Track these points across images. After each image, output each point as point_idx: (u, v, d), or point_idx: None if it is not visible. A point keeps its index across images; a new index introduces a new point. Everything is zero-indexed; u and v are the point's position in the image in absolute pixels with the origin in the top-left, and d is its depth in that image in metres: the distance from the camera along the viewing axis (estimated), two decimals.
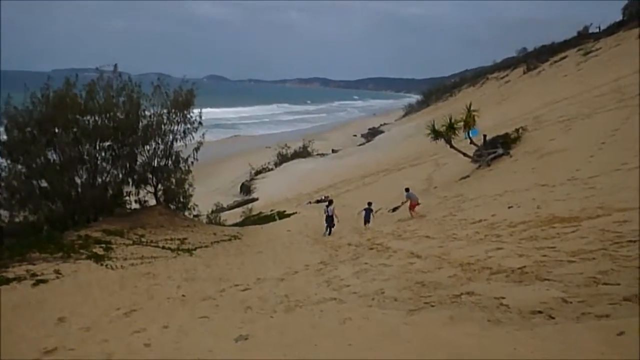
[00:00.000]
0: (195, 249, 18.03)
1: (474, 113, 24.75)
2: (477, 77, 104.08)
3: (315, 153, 60.41)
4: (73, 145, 19.69)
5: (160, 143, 22.43)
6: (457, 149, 25.10)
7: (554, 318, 6.05)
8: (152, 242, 18.13)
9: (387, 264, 11.73)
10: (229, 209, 37.11)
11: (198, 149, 23.24)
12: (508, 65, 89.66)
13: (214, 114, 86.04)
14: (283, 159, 55.78)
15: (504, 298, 7.08)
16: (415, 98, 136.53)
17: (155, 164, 22.47)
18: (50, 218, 19.37)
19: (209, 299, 10.81)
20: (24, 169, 19.44)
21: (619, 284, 6.64)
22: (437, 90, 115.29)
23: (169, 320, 9.16)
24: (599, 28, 70.29)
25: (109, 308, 10.54)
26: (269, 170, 52.22)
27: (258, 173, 50.50)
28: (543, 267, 8.25)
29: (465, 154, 25.32)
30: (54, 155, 19.80)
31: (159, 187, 23.10)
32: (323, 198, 31.28)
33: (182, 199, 23.98)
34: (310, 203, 32.05)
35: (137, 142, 21.47)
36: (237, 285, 12.08)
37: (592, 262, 7.89)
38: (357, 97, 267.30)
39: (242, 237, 21.85)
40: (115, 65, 21.81)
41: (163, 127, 22.23)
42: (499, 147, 24.72)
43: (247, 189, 45.15)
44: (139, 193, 22.44)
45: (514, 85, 70.64)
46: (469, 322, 6.51)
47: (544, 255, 8.88)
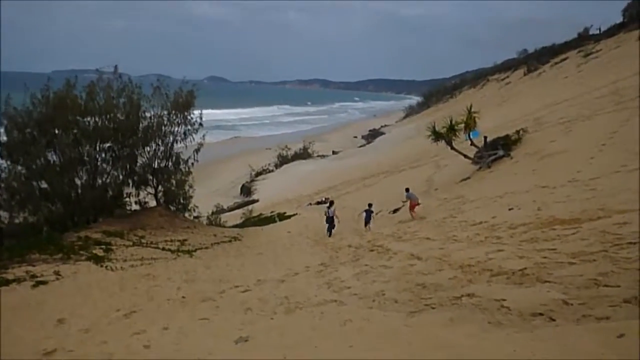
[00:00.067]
0: (196, 251, 18.01)
1: (475, 115, 24.74)
2: (477, 78, 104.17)
3: (316, 154, 60.39)
4: (73, 147, 19.68)
5: (161, 144, 22.40)
6: (457, 151, 25.09)
7: (555, 320, 6.05)
8: (152, 243, 18.11)
9: (387, 266, 11.72)
10: (229, 211, 37.11)
11: (198, 150, 23.21)
12: (508, 67, 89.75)
13: (215, 115, 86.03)
14: (283, 161, 55.77)
15: (505, 300, 7.08)
16: (416, 99, 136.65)
17: (156, 165, 22.44)
18: (50, 219, 19.36)
19: (209, 301, 10.80)
20: (24, 170, 19.42)
21: (619, 286, 6.63)
22: (437, 92, 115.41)
23: (169, 322, 9.15)
24: (600, 30, 70.40)
25: (109, 309, 10.54)
26: (269, 172, 52.22)
27: (258, 174, 50.50)
28: (543, 268, 8.24)
29: (466, 156, 25.32)
30: (54, 157, 19.79)
31: (159, 188, 23.07)
32: (323, 200, 31.28)
33: (182, 201, 23.95)
34: (311, 205, 32.05)
35: (137, 143, 21.46)
36: (237, 287, 12.06)
37: (592, 264, 7.88)
38: (357, 98, 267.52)
39: (242, 238, 21.83)
40: (116, 67, 21.82)
41: (163, 128, 22.20)
42: (500, 148, 24.72)
43: (247, 191, 45.16)
44: (139, 194, 22.41)
45: (515, 87, 70.69)
46: (470, 323, 6.50)
47: (545, 257, 8.88)
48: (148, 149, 22.16)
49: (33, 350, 8.16)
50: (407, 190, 21.31)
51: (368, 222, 20.84)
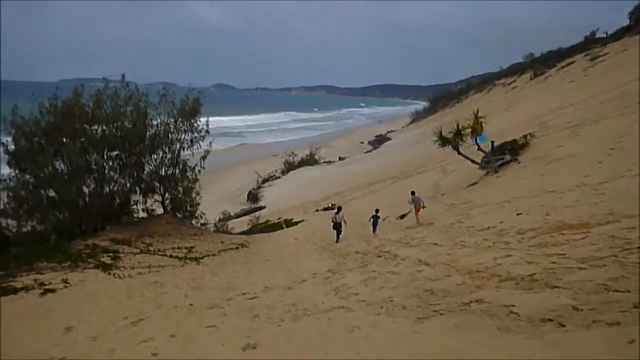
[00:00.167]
0: (203, 258, 18.03)
1: (481, 119, 24.69)
2: (483, 83, 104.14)
3: (322, 160, 60.44)
4: (81, 155, 19.80)
5: (168, 152, 22.51)
6: (464, 156, 25.03)
7: (564, 326, 6.00)
8: (159, 250, 18.15)
9: (395, 272, 11.68)
10: (236, 217, 37.17)
11: (205, 158, 23.31)
12: (515, 71, 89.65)
13: (221, 123, 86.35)
14: (290, 167, 55.85)
15: (514, 306, 7.02)
16: (422, 105, 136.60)
17: (163, 173, 22.54)
18: (58, 227, 19.45)
19: (217, 308, 10.78)
20: (32, 179, 19.56)
21: (629, 291, 6.56)
22: (443, 97, 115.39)
23: (177, 329, 9.14)
24: (606, 33, 70.21)
25: (117, 317, 10.55)
26: (276, 178, 52.30)
27: (265, 181, 50.59)
28: (552, 274, 8.17)
29: (473, 161, 25.25)
30: (62, 165, 19.92)
31: (166, 195, 23.15)
32: (330, 206, 31.28)
33: (189, 208, 24.02)
34: (318, 211, 32.04)
35: (144, 151, 21.56)
36: (244, 294, 12.05)
37: (602, 269, 7.81)
38: (363, 104, 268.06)
39: (249, 245, 21.84)
40: (123, 75, 21.99)
41: (170, 136, 22.31)
42: (507, 153, 24.63)
43: (254, 197, 45.23)
44: (147, 202, 22.51)
45: (521, 91, 70.57)
46: (478, 330, 6.46)
47: (554, 262, 8.81)
48: (155, 157, 22.27)
49: (40, 359, 8.17)
50: (412, 194, 21.29)
51: (375, 228, 20.80)
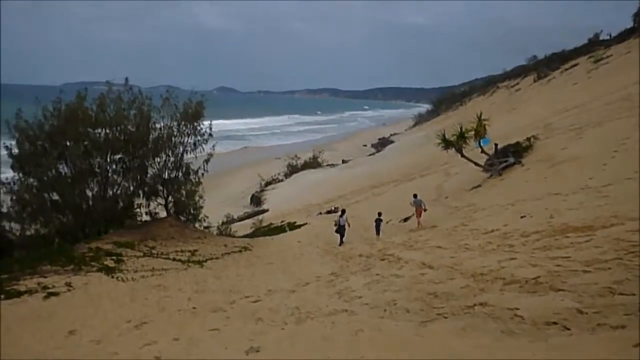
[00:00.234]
0: (206, 261, 18.02)
1: (485, 122, 24.64)
2: (487, 85, 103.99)
3: (325, 164, 60.40)
4: (84, 158, 19.86)
5: (171, 155, 22.55)
6: (468, 158, 24.98)
7: (569, 329, 5.96)
8: (162, 254, 18.15)
9: (398, 275, 11.65)
10: (239, 220, 37.16)
11: (208, 161, 23.34)
12: (518, 74, 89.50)
13: (224, 126, 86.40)
14: (293, 170, 55.81)
15: (518, 309, 6.98)
16: (425, 107, 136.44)
17: (166, 176, 22.58)
18: (61, 230, 19.51)
19: (220, 311, 10.77)
20: (35, 182, 19.62)
21: (634, 294, 6.52)
22: (446, 100, 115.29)
23: (180, 333, 9.14)
24: (610, 35, 70.12)
25: (120, 320, 10.55)
26: (279, 181, 52.28)
27: (268, 184, 50.58)
28: (557, 277, 8.13)
29: (477, 163, 25.19)
30: (65, 168, 19.98)
31: (170, 199, 23.18)
32: (333, 209, 31.23)
33: (192, 211, 24.05)
34: (321, 214, 32.00)
35: (147, 154, 21.60)
36: (247, 297, 12.03)
37: (607, 272, 7.77)
38: (367, 107, 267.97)
39: (252, 248, 21.82)
40: (126, 79, 22.09)
41: (173, 139, 22.36)
42: (510, 156, 24.57)
43: (257, 200, 45.22)
44: (150, 205, 22.55)
45: (525, 94, 70.45)
46: (482, 333, 6.42)
47: (558, 265, 8.76)
48: (158, 160, 22.30)
49: None
50: (414, 197, 21.28)
51: (378, 230, 20.77)
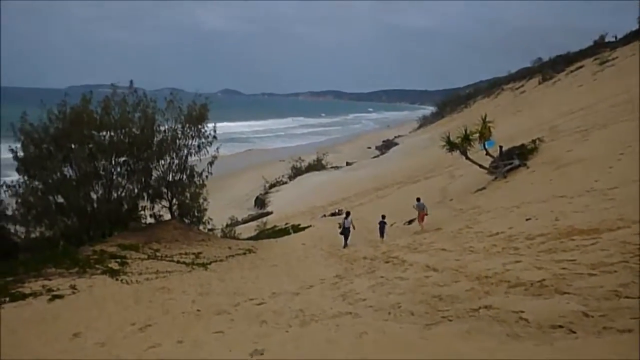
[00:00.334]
0: (210, 263, 18.03)
1: (490, 124, 24.58)
2: (491, 87, 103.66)
3: (329, 166, 60.36)
4: (89, 161, 19.93)
5: (175, 157, 22.60)
6: (472, 161, 24.92)
7: (575, 332, 5.92)
8: (167, 256, 18.17)
9: (403, 278, 11.61)
10: (244, 223, 37.15)
11: (212, 163, 23.38)
12: (523, 76, 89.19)
13: (229, 128, 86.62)
14: (297, 172, 55.78)
15: (523, 312, 6.94)
16: (430, 109, 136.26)
17: (170, 179, 22.63)
18: (66, 233, 19.56)
19: (224, 313, 10.76)
20: (41, 185, 19.68)
21: None
22: (451, 102, 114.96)
23: (184, 335, 9.13)
24: (616, 37, 69.86)
25: (124, 323, 10.56)
26: (283, 184, 52.25)
27: (272, 186, 50.56)
28: (563, 280, 8.08)
29: (481, 166, 25.14)
30: (70, 171, 20.06)
31: (174, 201, 23.23)
32: (337, 211, 31.20)
33: (196, 213, 24.08)
34: (325, 216, 31.97)
35: (152, 156, 21.66)
36: (252, 300, 12.03)
37: (613, 275, 7.71)
38: (371, 109, 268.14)
39: (256, 250, 21.81)
40: (131, 82, 22.14)
41: (177, 141, 22.42)
42: (515, 158, 24.51)
43: (261, 203, 45.21)
44: (154, 207, 22.60)
45: (530, 96, 70.25)
46: (487, 336, 6.39)
47: (564, 268, 8.71)
48: (162, 163, 22.37)
49: None
50: (417, 200, 21.24)
51: (382, 233, 20.73)
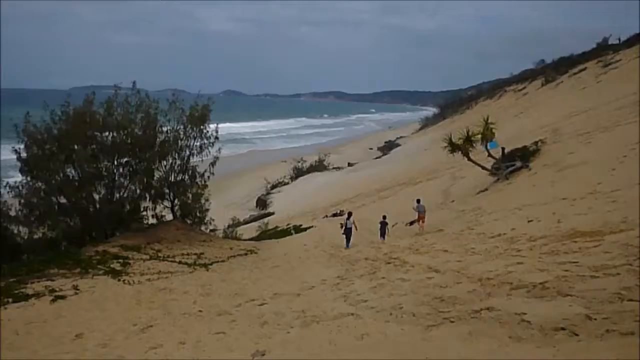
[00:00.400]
0: (212, 264, 18.03)
1: (492, 126, 24.55)
2: (494, 89, 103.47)
3: (331, 167, 60.33)
4: (91, 162, 19.92)
5: (177, 158, 22.60)
6: (474, 162, 24.89)
7: (577, 335, 5.90)
8: (168, 257, 18.18)
9: (404, 279, 11.59)
10: (245, 223, 37.13)
11: (214, 164, 23.37)
12: (526, 78, 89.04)
13: (231, 129, 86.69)
14: (299, 173, 55.75)
15: (525, 314, 6.93)
16: (432, 111, 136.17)
17: (172, 179, 22.63)
18: (68, 234, 19.59)
19: (225, 314, 10.77)
20: (43, 186, 19.68)
21: None
22: (453, 103, 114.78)
23: (186, 336, 9.14)
24: (619, 39, 69.76)
25: (126, 324, 10.57)
26: (285, 184, 52.24)
27: (274, 187, 50.54)
28: (565, 282, 8.06)
29: (483, 167, 25.10)
30: (73, 172, 20.06)
31: (176, 202, 23.22)
32: (339, 212, 31.17)
33: (198, 214, 24.06)
34: (327, 217, 31.94)
35: (154, 157, 21.65)
36: (253, 300, 12.03)
37: (615, 277, 7.69)
38: (373, 110, 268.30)
39: (258, 251, 21.80)
40: (134, 82, 22.17)
41: (179, 142, 22.42)
42: (518, 160, 24.47)
43: (263, 203, 45.19)
44: (156, 208, 22.58)
45: (532, 98, 70.11)
46: (489, 338, 6.38)
47: (566, 270, 8.69)
48: (165, 163, 22.37)
49: None
50: (417, 201, 21.19)
51: (383, 234, 20.68)
